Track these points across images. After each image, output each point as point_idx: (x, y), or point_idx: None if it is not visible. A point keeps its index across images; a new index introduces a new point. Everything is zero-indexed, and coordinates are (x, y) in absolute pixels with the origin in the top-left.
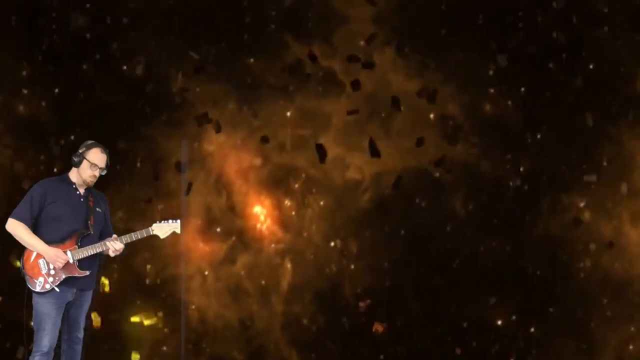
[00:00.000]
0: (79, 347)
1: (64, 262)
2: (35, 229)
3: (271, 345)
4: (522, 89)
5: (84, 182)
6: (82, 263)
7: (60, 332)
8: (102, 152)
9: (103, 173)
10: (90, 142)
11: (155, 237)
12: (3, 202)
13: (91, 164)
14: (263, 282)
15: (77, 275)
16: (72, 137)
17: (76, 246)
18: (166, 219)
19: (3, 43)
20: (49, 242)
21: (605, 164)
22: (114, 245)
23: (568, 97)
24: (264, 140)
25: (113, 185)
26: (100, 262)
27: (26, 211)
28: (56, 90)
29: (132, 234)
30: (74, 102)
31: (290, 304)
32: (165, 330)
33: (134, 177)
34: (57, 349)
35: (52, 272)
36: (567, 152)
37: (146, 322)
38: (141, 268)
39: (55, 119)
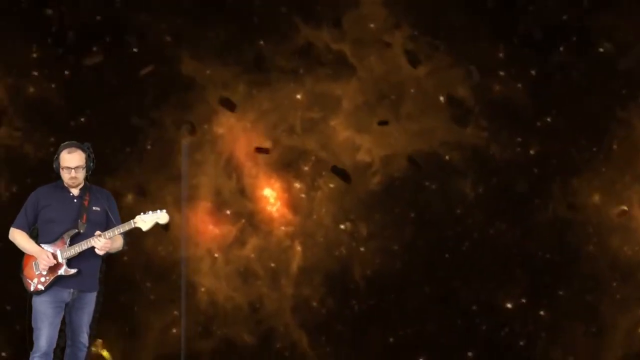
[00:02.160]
0: (82, 354)
1: (48, 261)
2: (36, 233)
3: (281, 327)
4: (532, 72)
5: (67, 184)
6: (73, 262)
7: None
8: (68, 153)
9: (83, 170)
10: (63, 144)
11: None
12: (14, 183)
13: (63, 168)
14: (273, 265)
15: (64, 273)
16: (82, 119)
17: (65, 245)
18: (153, 210)
19: (13, 25)
20: (44, 243)
21: (615, 147)
22: (97, 243)
23: (578, 81)
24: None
25: (123, 167)
26: (102, 266)
27: (22, 219)
28: (66, 72)
29: (115, 228)
30: (84, 84)
31: (300, 287)
32: (175, 312)
33: (143, 159)
34: (61, 353)
35: (44, 272)
36: (576, 135)
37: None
38: (151, 250)
39: (65, 100)
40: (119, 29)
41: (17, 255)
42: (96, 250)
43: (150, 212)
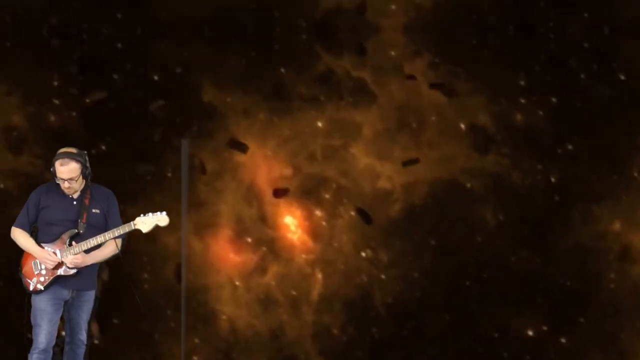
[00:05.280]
0: (81, 351)
1: (53, 262)
2: (35, 233)
3: (301, 355)
4: (553, 99)
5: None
6: None
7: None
8: (61, 165)
9: (77, 181)
10: (58, 153)
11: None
12: None
13: (57, 178)
14: (293, 292)
15: (63, 273)
16: (103, 147)
17: (65, 245)
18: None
19: (34, 53)
20: (43, 243)
21: (635, 174)
22: (65, 258)
23: (599, 108)
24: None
25: (143, 194)
26: (101, 265)
27: (24, 217)
28: (87, 100)
29: (115, 229)
30: (105, 112)
31: (320, 314)
32: (196, 340)
33: (164, 187)
34: (61, 352)
35: (43, 271)
36: (597, 162)
37: None
38: (171, 277)
39: (86, 129)
40: (140, 56)
41: None
42: (67, 264)
43: (150, 213)
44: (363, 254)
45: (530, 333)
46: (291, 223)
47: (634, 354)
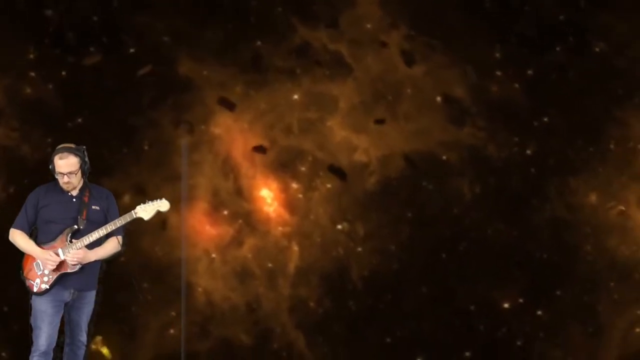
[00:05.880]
0: (81, 352)
1: (55, 263)
2: (35, 233)
3: (278, 328)
4: (529, 72)
5: (63, 188)
6: None
7: (64, 336)
8: (60, 159)
9: (77, 175)
10: (57, 148)
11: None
12: (10, 183)
13: (56, 173)
14: (270, 265)
15: (67, 271)
16: (80, 120)
17: (66, 243)
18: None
19: (9, 26)
20: (43, 243)
21: (612, 147)
22: (66, 255)
23: (574, 81)
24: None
25: (120, 168)
26: (101, 266)
27: (22, 219)
28: (63, 73)
29: (116, 220)
30: (81, 84)
31: (296, 287)
32: (173, 313)
33: (140, 160)
34: (60, 352)
35: (46, 271)
36: (573, 135)
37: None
38: (148, 250)
39: (62, 101)
40: (116, 29)
41: (16, 255)
42: (68, 261)
43: (149, 201)
44: (339, 227)
45: (507, 305)
46: (267, 196)
47: (611, 326)
